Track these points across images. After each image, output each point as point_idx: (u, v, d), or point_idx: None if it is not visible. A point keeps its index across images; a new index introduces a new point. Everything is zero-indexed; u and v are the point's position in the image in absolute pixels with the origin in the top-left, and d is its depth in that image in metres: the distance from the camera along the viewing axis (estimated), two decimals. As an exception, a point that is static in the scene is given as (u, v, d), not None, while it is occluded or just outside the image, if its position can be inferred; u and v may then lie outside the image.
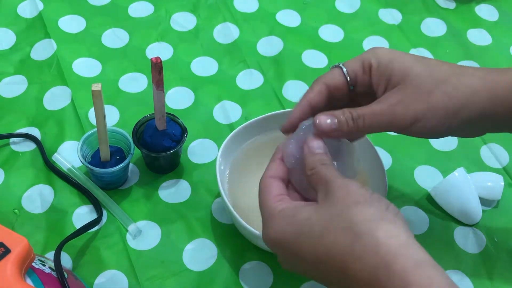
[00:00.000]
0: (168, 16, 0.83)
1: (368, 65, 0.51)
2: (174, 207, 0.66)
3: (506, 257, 0.65)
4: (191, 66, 0.78)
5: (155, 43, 0.80)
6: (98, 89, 0.55)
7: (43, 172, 0.67)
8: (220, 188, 0.59)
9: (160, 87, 0.59)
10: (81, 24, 0.81)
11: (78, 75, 0.76)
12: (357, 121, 0.48)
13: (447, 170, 0.70)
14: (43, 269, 0.52)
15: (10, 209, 0.64)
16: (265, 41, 0.82)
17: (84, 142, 0.63)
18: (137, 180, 0.67)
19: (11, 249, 0.47)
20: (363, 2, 0.88)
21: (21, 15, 0.81)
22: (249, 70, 0.78)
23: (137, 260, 0.61)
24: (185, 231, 0.64)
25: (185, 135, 0.65)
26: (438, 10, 0.89)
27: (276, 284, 0.61)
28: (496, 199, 0.69)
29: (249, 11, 0.85)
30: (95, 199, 0.65)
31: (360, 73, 0.51)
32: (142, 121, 0.65)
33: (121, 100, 0.74)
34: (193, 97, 0.75)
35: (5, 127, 0.70)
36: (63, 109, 0.72)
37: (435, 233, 0.66)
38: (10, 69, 0.76)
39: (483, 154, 0.73)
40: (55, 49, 0.77)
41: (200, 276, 0.61)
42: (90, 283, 0.60)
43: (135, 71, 0.77)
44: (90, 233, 0.63)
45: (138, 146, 0.63)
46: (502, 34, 0.87)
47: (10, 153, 0.68)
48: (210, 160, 0.70)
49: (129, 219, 0.63)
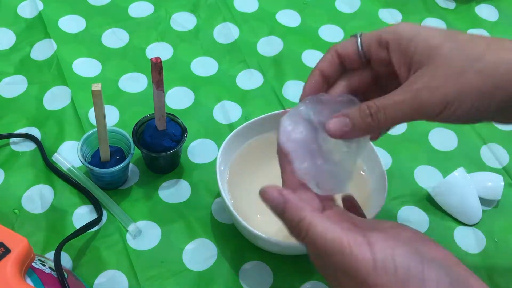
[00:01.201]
0: (168, 16, 0.83)
1: (385, 41, 0.45)
2: (174, 207, 0.66)
3: (506, 257, 0.65)
4: (191, 66, 0.78)
5: (155, 43, 0.80)
6: (98, 89, 0.55)
7: (43, 172, 0.67)
8: (220, 188, 0.59)
9: (160, 87, 0.59)
10: (81, 24, 0.81)
11: (78, 75, 0.76)
12: (377, 116, 0.42)
13: (447, 170, 0.70)
14: (43, 269, 0.52)
15: (10, 209, 0.64)
16: (265, 41, 0.82)
17: (84, 142, 0.63)
18: (137, 180, 0.67)
19: (11, 249, 0.47)
20: (363, 2, 0.88)
21: (21, 15, 0.81)
22: (249, 70, 0.78)
23: (137, 260, 0.61)
24: (185, 231, 0.64)
25: (185, 135, 0.65)
26: (438, 10, 0.89)
27: (276, 284, 0.61)
28: (496, 199, 0.69)
29: (249, 11, 0.85)
30: (95, 199, 0.65)
31: (375, 47, 0.45)
32: (142, 121, 0.65)
33: (121, 100, 0.74)
34: (193, 97, 0.75)
35: (5, 127, 0.70)
36: (63, 109, 0.72)
37: (435, 233, 0.66)
38: (10, 69, 0.76)
39: (483, 154, 0.73)
40: (55, 49, 0.77)
41: (200, 276, 0.61)
42: (90, 283, 0.60)
43: (135, 71, 0.77)
44: (90, 233, 0.63)
45: (138, 146, 0.63)
46: (502, 34, 0.87)
47: (10, 153, 0.68)
48: (210, 160, 0.70)
49: (129, 219, 0.63)
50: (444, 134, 0.74)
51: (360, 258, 0.36)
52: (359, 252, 0.37)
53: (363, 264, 0.36)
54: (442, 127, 0.75)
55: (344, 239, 0.37)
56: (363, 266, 0.36)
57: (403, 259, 0.36)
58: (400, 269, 0.36)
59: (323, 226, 0.39)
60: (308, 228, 0.39)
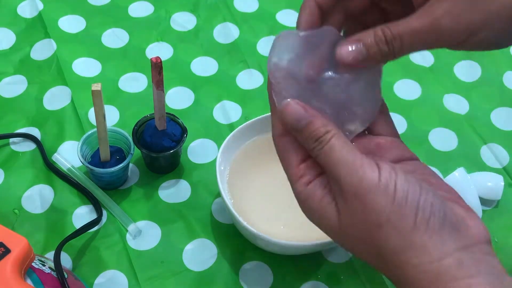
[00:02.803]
0: (168, 16, 0.83)
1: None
2: (174, 207, 0.66)
3: (506, 257, 0.65)
4: (191, 66, 0.78)
5: (155, 43, 0.80)
6: (98, 89, 0.55)
7: (43, 172, 0.67)
8: (220, 188, 0.59)
9: (160, 87, 0.59)
10: (81, 24, 0.81)
11: (78, 75, 0.76)
12: (393, 43, 0.38)
13: (447, 170, 0.70)
14: (43, 269, 0.52)
15: (10, 209, 0.64)
16: (265, 41, 0.82)
17: (84, 142, 0.63)
18: (137, 180, 0.67)
19: (11, 249, 0.47)
20: (363, 2, 0.88)
21: (21, 15, 0.81)
22: (249, 70, 0.78)
23: (137, 260, 0.61)
24: (185, 231, 0.64)
25: (185, 135, 0.65)
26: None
27: (276, 284, 0.61)
28: (496, 199, 0.69)
29: (249, 11, 0.85)
30: (95, 199, 0.65)
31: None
32: (142, 121, 0.65)
33: (121, 100, 0.74)
34: (193, 97, 0.75)
35: (5, 127, 0.70)
36: (63, 109, 0.72)
37: (435, 233, 0.66)
38: (10, 69, 0.76)
39: (483, 154, 0.73)
40: (55, 49, 0.77)
41: (200, 276, 0.61)
42: (90, 283, 0.60)
43: (135, 71, 0.77)
44: (90, 233, 0.63)
45: (138, 146, 0.63)
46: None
47: (10, 153, 0.68)
48: (210, 160, 0.70)
49: (129, 219, 0.63)
50: (444, 134, 0.74)
51: (367, 174, 0.37)
52: (367, 169, 0.37)
53: (369, 179, 0.36)
54: (442, 127, 0.75)
55: (358, 157, 0.37)
56: (368, 181, 0.36)
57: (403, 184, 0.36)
58: (399, 192, 0.36)
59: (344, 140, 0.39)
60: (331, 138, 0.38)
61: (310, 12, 0.41)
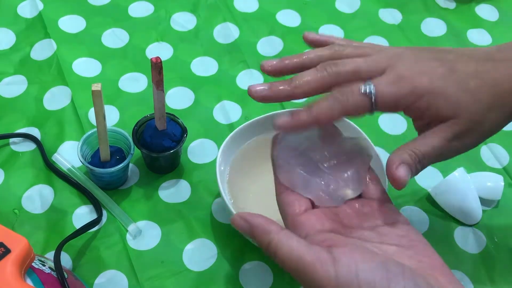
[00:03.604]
0: (168, 16, 0.83)
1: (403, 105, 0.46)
2: (174, 207, 0.66)
3: (506, 257, 0.65)
4: (191, 66, 0.78)
5: (155, 43, 0.80)
6: (98, 89, 0.55)
7: (43, 172, 0.67)
8: (220, 188, 0.59)
9: (160, 87, 0.59)
10: (81, 24, 0.81)
11: (78, 75, 0.76)
12: (423, 162, 0.45)
13: (447, 170, 0.70)
14: (43, 269, 0.52)
15: (10, 209, 0.64)
16: (265, 41, 0.82)
17: (84, 142, 0.63)
18: (137, 180, 0.67)
19: (11, 249, 0.47)
20: (363, 2, 0.88)
21: (21, 15, 0.81)
22: (249, 70, 0.78)
23: (137, 260, 0.61)
24: (185, 231, 0.64)
25: (185, 135, 0.65)
26: (438, 10, 0.89)
27: (276, 284, 0.61)
28: (496, 199, 0.69)
29: (249, 11, 0.85)
30: (95, 199, 0.65)
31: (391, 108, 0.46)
32: (142, 121, 0.65)
33: (121, 100, 0.74)
34: (193, 97, 0.75)
35: (5, 127, 0.70)
36: (63, 109, 0.72)
37: (435, 233, 0.66)
38: (10, 69, 0.76)
39: (483, 154, 0.73)
40: (55, 49, 0.77)
41: (200, 276, 0.61)
42: (90, 283, 0.60)
43: (135, 71, 0.77)
44: (90, 233, 0.63)
45: (138, 146, 0.63)
46: (502, 34, 0.86)
47: (10, 153, 0.68)
48: (210, 160, 0.70)
49: (129, 219, 0.63)
50: (444, 134, 0.74)
51: (323, 276, 0.37)
52: (321, 269, 0.38)
53: (326, 282, 0.37)
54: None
55: (307, 258, 0.38)
56: (326, 283, 0.37)
57: (367, 275, 0.37)
58: (364, 286, 0.36)
59: (288, 246, 0.40)
60: (275, 250, 0.40)
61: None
